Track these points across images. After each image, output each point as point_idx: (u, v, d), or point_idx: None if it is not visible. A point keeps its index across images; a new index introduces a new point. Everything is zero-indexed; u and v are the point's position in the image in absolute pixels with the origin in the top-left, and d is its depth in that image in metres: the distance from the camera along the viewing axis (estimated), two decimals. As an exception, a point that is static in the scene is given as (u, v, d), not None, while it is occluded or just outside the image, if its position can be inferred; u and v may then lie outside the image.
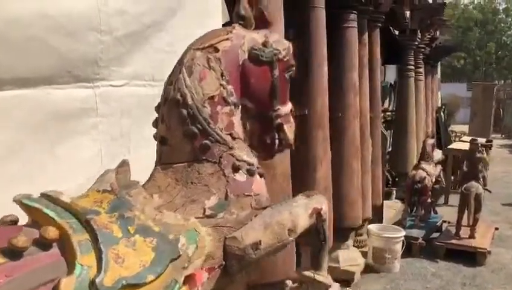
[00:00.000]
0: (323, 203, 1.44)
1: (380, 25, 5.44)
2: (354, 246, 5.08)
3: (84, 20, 1.97)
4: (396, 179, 7.09)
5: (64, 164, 1.96)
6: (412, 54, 6.86)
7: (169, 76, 1.34)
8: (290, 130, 1.50)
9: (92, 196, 1.13)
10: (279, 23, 3.21)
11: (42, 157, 1.91)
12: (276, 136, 1.48)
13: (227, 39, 1.34)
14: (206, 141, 1.27)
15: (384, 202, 6.05)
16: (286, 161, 3.32)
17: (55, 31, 1.87)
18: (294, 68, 1.50)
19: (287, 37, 4.06)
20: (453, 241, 5.41)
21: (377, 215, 5.65)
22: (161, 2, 2.36)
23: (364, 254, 5.07)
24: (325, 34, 4.02)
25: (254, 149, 1.52)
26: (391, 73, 8.25)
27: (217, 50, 1.32)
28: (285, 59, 1.45)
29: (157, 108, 1.35)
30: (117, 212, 1.09)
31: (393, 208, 6.43)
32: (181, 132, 1.27)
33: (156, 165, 1.31)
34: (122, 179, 1.17)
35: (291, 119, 1.52)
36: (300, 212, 1.37)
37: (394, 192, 6.83)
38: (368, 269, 4.93)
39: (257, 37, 1.39)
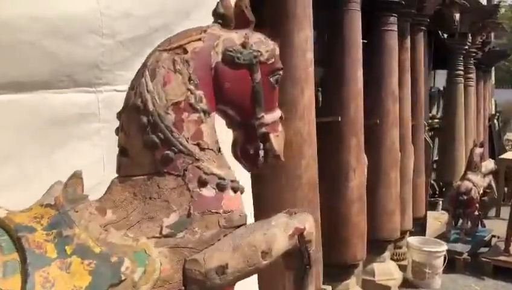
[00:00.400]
0: (306, 222, 1.26)
1: (423, 28, 5.16)
2: (392, 259, 4.81)
3: (83, 23, 1.89)
4: (443, 189, 6.71)
5: (64, 171, 1.88)
6: (462, 58, 6.48)
7: (132, 80, 1.22)
8: (277, 140, 1.33)
9: (34, 210, 1.02)
10: (308, 24, 3.04)
11: (40, 163, 1.84)
12: (261, 147, 1.33)
13: (198, 39, 1.20)
14: (168, 152, 1.13)
15: (430, 213, 5.75)
16: (313, 170, 3.15)
17: (52, 34, 1.80)
18: (281, 72, 1.33)
19: (317, 40, 3.94)
20: (502, 257, 5.01)
21: (420, 227, 5.36)
22: (172, 4, 2.25)
23: (403, 268, 4.79)
24: (360, 37, 3.83)
25: (238, 160, 1.38)
26: (442, 78, 7.85)
27: (185, 51, 1.18)
28: (268, 62, 1.28)
29: (119, 115, 1.23)
30: (56, 229, 0.98)
31: (439, 219, 6.09)
32: (141, 141, 1.14)
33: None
34: (70, 192, 1.06)
35: (280, 128, 1.36)
36: (277, 232, 1.20)
37: (440, 203, 6.47)
38: (406, 284, 4.64)
39: (235, 37, 1.24)
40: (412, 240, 4.81)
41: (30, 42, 1.76)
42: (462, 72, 6.55)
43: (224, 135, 1.39)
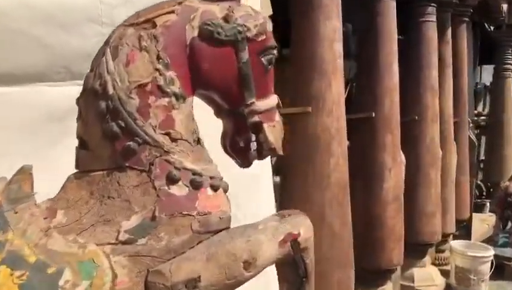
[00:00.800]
0: (301, 226, 1.05)
1: (466, 19, 4.80)
2: (434, 264, 4.50)
3: (81, 12, 1.76)
4: (491, 190, 6.27)
5: (59, 169, 1.75)
6: (510, 51, 6.03)
7: (93, 60, 1.05)
8: (272, 130, 1.12)
9: (-31, 211, 0.86)
10: (336, 14, 2.82)
11: (34, 160, 1.70)
12: (253, 139, 1.12)
13: (171, 12, 1.01)
14: (130, 143, 0.94)
15: (476, 215, 5.38)
16: (342, 169, 2.92)
17: (47, 23, 1.68)
18: (275, 51, 1.12)
19: (346, 32, 3.69)
20: (556, 263, 4.59)
21: (465, 230, 5.01)
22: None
23: (446, 274, 4.45)
24: (396, 29, 3.56)
25: (228, 154, 1.18)
26: (488, 74, 7.38)
27: (154, 25, 0.99)
28: (258, 38, 1.08)
29: (78, 101, 1.06)
30: (-13, 234, 0.81)
31: (486, 222, 5.66)
32: (100, 130, 0.96)
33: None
34: (14, 190, 0.89)
35: (277, 118, 1.15)
36: (264, 238, 0.99)
37: (488, 204, 6.03)
38: (449, 291, 4.31)
39: (216, 10, 1.04)
40: (455, 244, 4.47)
41: (23, 31, 1.63)
42: (510, 66, 6.09)
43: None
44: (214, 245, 0.95)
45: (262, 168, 2.46)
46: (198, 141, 1.05)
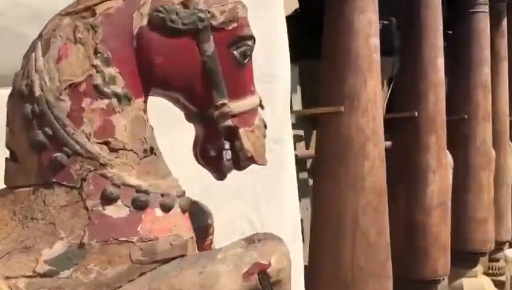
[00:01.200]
0: (273, 254, 0.83)
1: (525, 9, 4.37)
2: (487, 273, 4.14)
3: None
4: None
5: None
6: None
7: (24, 55, 0.89)
8: (250, 136, 0.91)
9: None
10: (371, 6, 2.59)
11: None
12: (227, 146, 0.93)
13: (117, -3, 0.85)
14: (58, 154, 0.77)
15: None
16: (379, 172, 2.68)
17: (37, 22, 1.55)
18: (250, 42, 0.92)
19: (390, 27, 3.42)
20: None
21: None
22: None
23: (500, 284, 4.08)
24: (441, 21, 3.26)
25: (200, 164, 0.99)
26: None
27: (93, 14, 0.82)
28: (227, 27, 0.88)
29: (7, 104, 0.91)
30: None
31: (548, 228, 5.19)
32: (26, 139, 0.80)
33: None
34: None
35: (256, 121, 0.94)
36: (223, 270, 0.79)
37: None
38: (504, 303, 3.94)
39: (173, -6, 0.86)
40: (510, 252, 4.08)
41: (11, 30, 1.52)
42: None
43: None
44: (158, 278, 0.77)
45: (287, 175, 2.25)
46: (152, 151, 0.86)
